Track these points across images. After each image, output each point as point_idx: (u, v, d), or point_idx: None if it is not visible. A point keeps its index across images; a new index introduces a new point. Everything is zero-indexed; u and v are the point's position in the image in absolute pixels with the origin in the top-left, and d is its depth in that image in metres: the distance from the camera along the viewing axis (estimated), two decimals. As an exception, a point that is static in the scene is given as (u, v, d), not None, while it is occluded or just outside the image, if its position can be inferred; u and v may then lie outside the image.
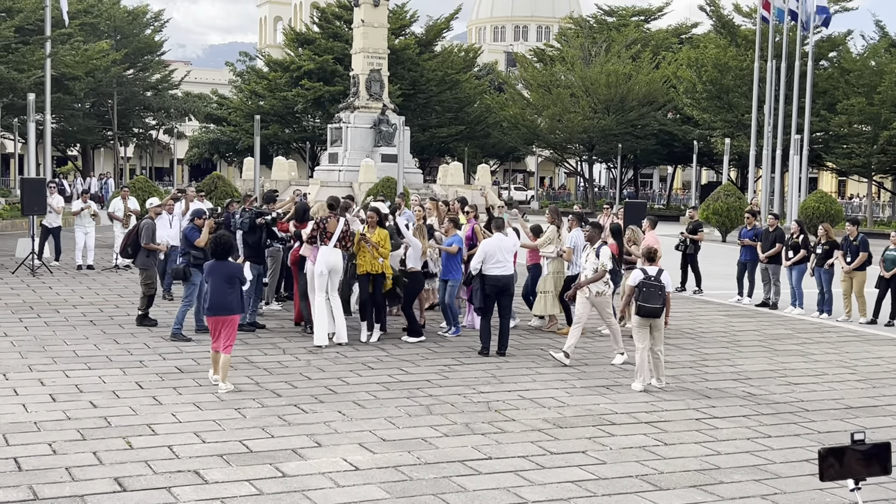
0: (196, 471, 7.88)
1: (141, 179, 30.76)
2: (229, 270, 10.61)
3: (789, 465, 8.68)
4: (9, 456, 8.09)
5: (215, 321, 10.54)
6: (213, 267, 10.66)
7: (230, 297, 10.51)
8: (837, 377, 12.66)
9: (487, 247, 13.22)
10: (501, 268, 13.16)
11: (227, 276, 10.57)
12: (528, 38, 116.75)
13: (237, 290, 10.64)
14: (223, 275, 10.54)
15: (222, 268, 10.59)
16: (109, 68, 50.89)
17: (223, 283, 10.49)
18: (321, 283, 13.39)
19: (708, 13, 55.00)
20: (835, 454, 3.97)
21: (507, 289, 13.32)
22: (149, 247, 14.57)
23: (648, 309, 11.36)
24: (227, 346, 10.50)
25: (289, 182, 42.16)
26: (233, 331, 10.61)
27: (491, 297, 13.23)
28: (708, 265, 27.10)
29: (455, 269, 14.49)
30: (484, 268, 13.10)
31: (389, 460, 8.34)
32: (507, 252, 13.37)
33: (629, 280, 11.81)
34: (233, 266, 10.71)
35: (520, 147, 71.19)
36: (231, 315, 10.55)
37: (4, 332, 13.72)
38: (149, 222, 14.93)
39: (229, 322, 10.55)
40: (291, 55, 63.69)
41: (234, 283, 10.61)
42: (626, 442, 9.20)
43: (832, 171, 60.46)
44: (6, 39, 31.78)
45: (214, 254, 10.69)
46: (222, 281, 10.50)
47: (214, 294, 10.49)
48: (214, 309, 10.50)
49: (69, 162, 74.52)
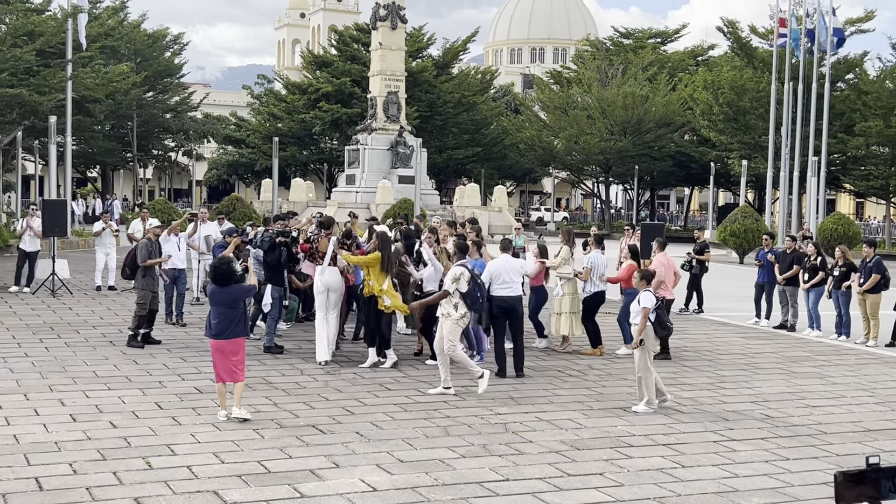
0: (215, 491, 7.93)
1: (160, 201, 30.99)
2: (232, 295, 10.41)
3: (807, 487, 8.65)
4: (30, 476, 8.16)
5: (218, 345, 10.30)
6: (214, 292, 10.46)
7: (234, 322, 10.32)
8: (856, 400, 12.61)
9: (493, 268, 13.19)
10: (508, 289, 13.10)
11: (230, 301, 10.39)
12: (545, 60, 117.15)
13: (241, 314, 10.49)
14: (225, 301, 10.36)
15: (224, 293, 10.39)
16: (129, 91, 51.31)
17: (226, 309, 10.33)
18: (321, 302, 13.73)
19: (725, 34, 55.08)
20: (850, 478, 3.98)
21: (514, 310, 13.26)
22: (146, 263, 14.55)
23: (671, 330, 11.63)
24: (238, 373, 10.25)
25: (306, 203, 42.36)
26: (240, 356, 10.36)
27: (500, 318, 13.20)
28: (725, 287, 27.03)
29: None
30: (491, 289, 13.03)
31: (407, 481, 8.37)
32: (514, 273, 13.31)
33: (644, 302, 11.54)
34: (235, 290, 10.48)
35: (536, 168, 71.32)
36: (236, 338, 10.34)
37: (25, 352, 13.84)
38: (145, 242, 14.93)
39: (234, 346, 10.31)
40: (309, 77, 64.16)
41: (237, 306, 10.44)
42: (644, 464, 9.19)
43: (850, 192, 60.26)
44: (28, 63, 32.13)
45: (215, 280, 10.49)
46: (225, 307, 10.34)
47: (218, 319, 10.31)
48: (219, 333, 10.31)
49: (89, 183, 75.03)
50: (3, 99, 31.90)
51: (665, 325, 11.55)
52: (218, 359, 10.30)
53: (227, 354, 10.26)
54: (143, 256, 14.64)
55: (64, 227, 21.14)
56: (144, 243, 14.93)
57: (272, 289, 14.60)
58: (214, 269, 10.57)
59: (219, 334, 10.29)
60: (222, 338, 10.27)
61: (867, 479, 3.80)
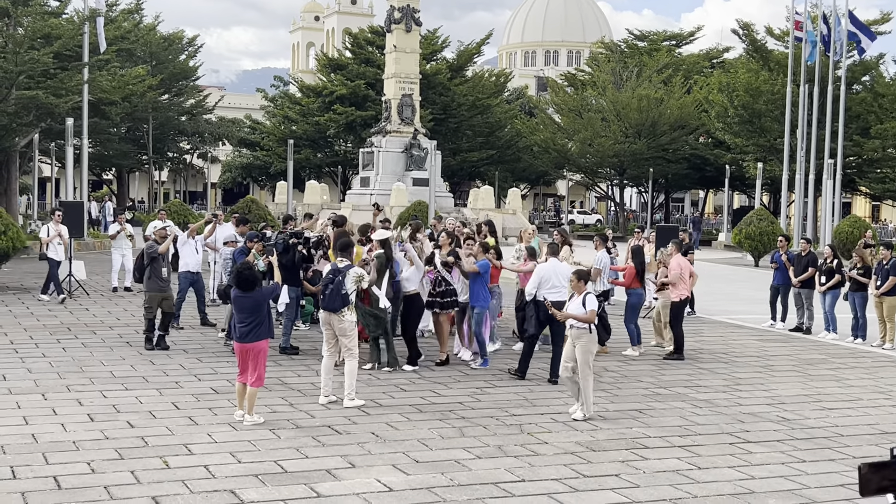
0: (232, 490, 7.97)
1: (176, 203, 31.10)
2: (255, 300, 10.43)
3: (823, 489, 8.64)
4: (49, 475, 8.22)
5: (243, 349, 10.37)
6: (238, 298, 10.49)
7: (257, 326, 10.34)
8: (872, 402, 12.57)
9: (543, 271, 13.02)
10: (557, 293, 12.83)
11: (255, 306, 10.40)
12: (559, 62, 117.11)
13: (265, 318, 10.48)
14: (248, 305, 10.38)
15: (248, 298, 10.41)
16: (145, 93, 51.51)
17: (250, 314, 10.35)
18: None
19: (741, 36, 54.93)
20: (875, 466, 3.97)
21: None
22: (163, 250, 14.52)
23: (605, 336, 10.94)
24: (256, 379, 10.28)
25: (321, 206, 42.46)
26: (262, 361, 10.39)
27: (544, 322, 13.00)
28: (740, 289, 26.98)
29: (482, 296, 13.98)
30: (539, 293, 12.88)
31: (423, 482, 8.39)
32: (563, 277, 12.98)
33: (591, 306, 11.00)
34: (258, 294, 10.50)
35: (550, 171, 71.27)
36: (259, 342, 10.38)
37: (43, 352, 13.93)
38: (152, 244, 14.81)
39: (258, 350, 10.35)
40: (324, 80, 64.31)
41: (261, 310, 10.44)
42: (660, 465, 9.19)
43: (866, 195, 60.01)
44: (45, 65, 32.30)
45: (239, 286, 10.50)
46: (249, 311, 10.35)
47: (242, 323, 10.34)
48: (242, 337, 10.35)
49: (104, 186, 75.39)
50: (21, 101, 32.10)
51: (608, 329, 11.18)
52: (245, 360, 10.34)
53: (254, 356, 10.31)
54: (158, 264, 14.49)
55: (81, 229, 21.23)
56: (152, 245, 14.72)
57: (289, 289, 14.63)
58: (238, 273, 10.59)
59: (244, 337, 10.33)
60: (248, 341, 10.31)
61: (892, 466, 3.82)
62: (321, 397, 11.28)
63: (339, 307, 11.11)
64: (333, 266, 11.54)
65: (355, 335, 11.43)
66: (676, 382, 13.38)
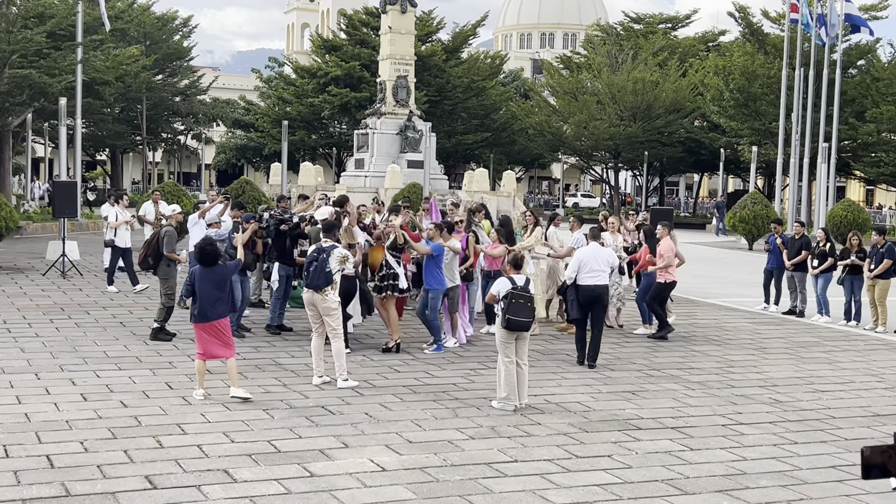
0: (225, 470, 7.97)
1: (170, 184, 31.00)
2: (218, 276, 10.42)
3: (815, 471, 8.67)
4: (41, 453, 8.22)
5: (203, 327, 10.33)
6: (201, 273, 10.42)
7: (219, 303, 10.34)
8: (864, 385, 12.61)
9: (583, 255, 12.93)
10: (596, 277, 12.79)
11: (217, 282, 10.38)
12: (555, 45, 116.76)
13: (227, 295, 10.50)
14: (212, 280, 10.35)
15: (211, 273, 10.39)
16: (139, 74, 51.34)
17: (213, 289, 10.32)
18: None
19: (737, 19, 54.79)
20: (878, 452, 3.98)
21: (600, 299, 12.92)
22: (171, 256, 14.08)
23: (519, 322, 10.31)
24: (227, 350, 10.31)
25: (315, 188, 42.38)
26: (228, 333, 10.42)
27: (584, 307, 12.90)
28: (734, 273, 27.01)
29: (435, 279, 13.41)
30: (578, 277, 12.82)
31: (416, 462, 8.40)
32: (603, 262, 12.92)
33: (493, 289, 10.70)
34: (221, 270, 10.50)
35: (545, 154, 71.11)
36: (224, 318, 10.39)
37: (36, 332, 13.91)
38: (170, 230, 14.46)
39: (220, 326, 10.35)
40: (318, 62, 64.03)
41: (223, 287, 10.43)
42: (652, 447, 9.22)
43: (860, 179, 60.04)
44: (38, 45, 32.14)
45: (201, 261, 10.42)
46: (212, 287, 10.33)
47: (204, 300, 10.30)
48: (203, 315, 10.31)
49: (98, 166, 75.14)
50: (14, 80, 31.96)
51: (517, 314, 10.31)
52: (205, 338, 10.35)
53: (216, 334, 10.33)
54: (170, 245, 14.08)
55: (74, 209, 21.18)
56: (170, 231, 14.35)
57: (279, 267, 14.60)
58: (199, 250, 10.50)
59: (205, 316, 10.30)
60: (210, 319, 10.29)
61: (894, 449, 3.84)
62: (314, 378, 11.28)
63: (323, 285, 11.09)
64: (318, 245, 11.53)
65: (339, 315, 11.40)
66: (669, 364, 13.41)
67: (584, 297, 12.86)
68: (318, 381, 11.25)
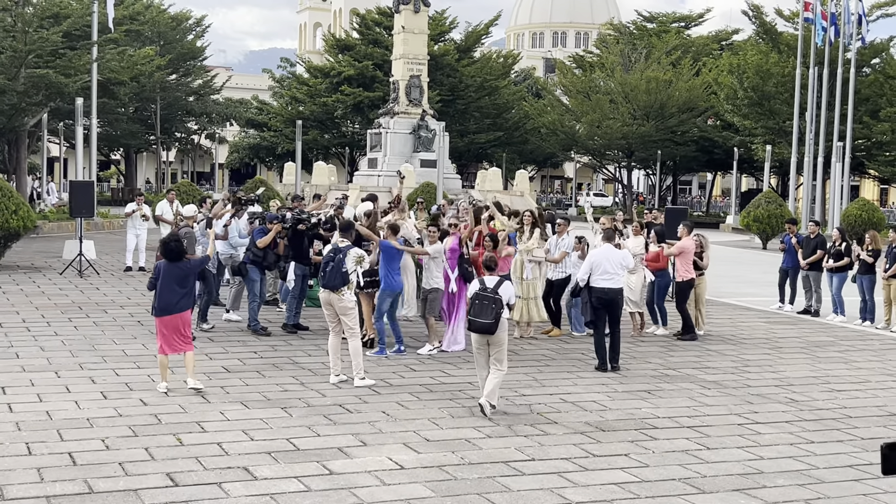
0: (245, 467, 8.04)
1: (185, 183, 31.15)
2: (182, 271, 10.61)
3: (832, 470, 8.69)
4: (64, 451, 8.30)
5: (164, 321, 10.50)
6: (166, 268, 10.58)
7: (181, 298, 10.53)
8: (881, 384, 12.61)
9: (594, 258, 12.79)
10: (609, 280, 12.65)
11: (180, 278, 10.56)
12: (567, 44, 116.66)
13: (190, 290, 10.72)
14: (175, 276, 10.52)
15: (175, 269, 10.56)
16: (153, 73, 51.56)
17: (174, 285, 10.49)
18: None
19: (751, 18, 54.62)
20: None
21: (614, 302, 12.76)
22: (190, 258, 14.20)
23: (478, 324, 10.04)
24: (186, 344, 10.56)
25: (328, 187, 42.47)
26: (188, 328, 10.67)
27: (599, 310, 12.76)
28: (748, 272, 26.98)
29: (386, 279, 13.06)
30: (591, 280, 12.69)
31: (434, 460, 8.46)
32: (616, 264, 12.77)
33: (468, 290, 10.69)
34: (185, 266, 10.68)
35: (558, 153, 71.13)
36: (186, 311, 10.63)
37: (55, 331, 14.02)
38: (190, 231, 14.62)
39: (186, 319, 10.62)
40: (331, 61, 64.18)
41: (186, 283, 10.61)
42: (669, 446, 9.25)
43: (874, 178, 59.84)
44: (54, 45, 32.33)
45: (166, 256, 10.60)
46: (174, 283, 10.49)
47: (165, 295, 10.47)
48: (164, 309, 10.48)
49: (112, 166, 75.47)
50: (30, 80, 32.15)
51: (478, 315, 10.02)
52: (166, 333, 10.53)
53: (176, 328, 10.54)
54: (191, 248, 13.93)
55: (91, 208, 21.30)
56: (190, 232, 14.52)
57: (295, 266, 14.68)
58: (165, 245, 10.73)
59: (167, 310, 10.49)
60: (172, 313, 10.50)
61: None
62: (331, 376, 11.36)
63: (339, 285, 11.19)
64: (334, 245, 11.62)
65: (356, 314, 11.49)
66: (685, 364, 13.44)
67: (597, 300, 12.78)
68: (336, 379, 11.33)
